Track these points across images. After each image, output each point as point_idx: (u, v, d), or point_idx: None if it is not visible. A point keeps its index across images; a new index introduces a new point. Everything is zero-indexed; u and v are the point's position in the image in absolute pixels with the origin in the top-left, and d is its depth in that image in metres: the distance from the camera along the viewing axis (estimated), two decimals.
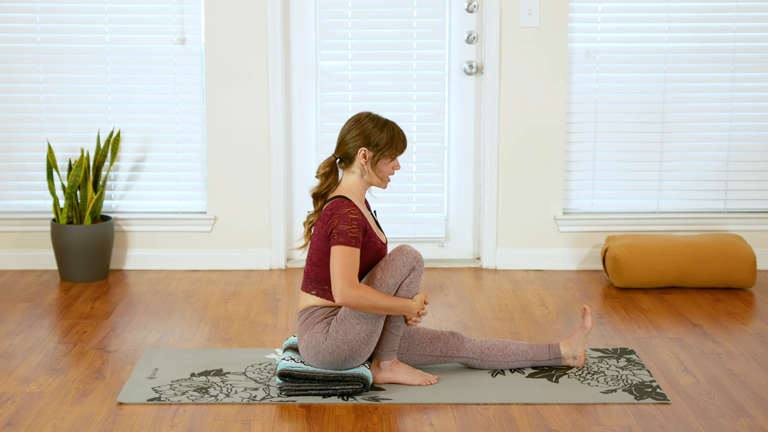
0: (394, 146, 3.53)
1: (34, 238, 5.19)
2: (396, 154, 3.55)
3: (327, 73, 5.15)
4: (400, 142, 3.55)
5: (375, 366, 3.58)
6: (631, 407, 3.39)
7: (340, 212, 3.44)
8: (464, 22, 5.13)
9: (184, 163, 5.21)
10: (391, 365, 3.57)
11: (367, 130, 3.51)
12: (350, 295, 3.38)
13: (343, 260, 3.40)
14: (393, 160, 3.56)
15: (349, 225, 3.42)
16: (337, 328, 3.46)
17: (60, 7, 5.09)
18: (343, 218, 3.43)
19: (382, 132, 3.51)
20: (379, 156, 3.51)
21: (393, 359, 3.57)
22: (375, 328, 3.47)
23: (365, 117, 3.55)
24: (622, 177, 5.22)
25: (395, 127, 3.55)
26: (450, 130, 5.21)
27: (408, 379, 3.57)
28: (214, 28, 5.05)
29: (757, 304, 4.64)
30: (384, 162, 3.54)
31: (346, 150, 3.53)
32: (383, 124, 3.53)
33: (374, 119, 3.54)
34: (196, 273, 5.14)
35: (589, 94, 5.16)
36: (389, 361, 3.57)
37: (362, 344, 3.47)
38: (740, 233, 5.19)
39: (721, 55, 5.14)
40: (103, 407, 3.39)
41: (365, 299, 3.39)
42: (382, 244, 3.57)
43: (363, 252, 3.49)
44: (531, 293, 4.79)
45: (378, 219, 3.82)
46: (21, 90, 5.14)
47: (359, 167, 3.54)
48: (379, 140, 3.51)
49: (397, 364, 3.58)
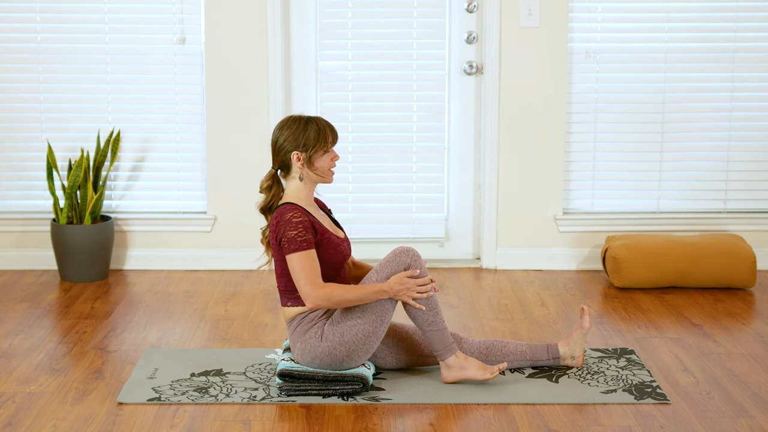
0: (323, 139, 3.53)
1: (34, 238, 5.19)
2: (328, 146, 3.55)
3: (327, 73, 5.15)
4: (329, 134, 3.55)
5: (443, 368, 3.55)
6: (631, 407, 3.39)
7: (284, 219, 3.46)
8: (464, 22, 5.13)
9: (184, 163, 5.21)
10: (461, 362, 3.54)
11: (293, 132, 3.52)
12: (318, 296, 3.41)
13: (301, 265, 3.42)
14: (328, 152, 3.56)
15: (296, 230, 3.43)
16: (333, 330, 3.46)
17: (60, 7, 5.09)
18: (287, 224, 3.44)
19: (307, 130, 3.52)
20: (312, 153, 3.52)
21: (456, 352, 3.53)
22: (373, 329, 3.47)
23: (288, 120, 3.56)
24: (622, 177, 5.22)
25: (320, 121, 3.56)
26: (450, 130, 5.21)
27: (479, 374, 3.53)
28: (214, 28, 5.06)
29: (757, 304, 4.64)
30: (318, 157, 3.54)
31: (282, 158, 3.55)
32: (306, 122, 3.54)
33: (297, 120, 3.55)
34: (196, 273, 5.14)
35: (589, 94, 5.16)
36: (455, 357, 3.54)
37: (360, 345, 3.47)
38: (740, 233, 5.19)
39: (721, 55, 5.14)
40: (103, 407, 3.39)
41: (334, 296, 3.41)
42: (339, 239, 3.57)
43: (320, 250, 3.50)
44: (531, 293, 4.79)
45: (335, 217, 3.80)
46: (21, 90, 5.14)
47: (297, 171, 3.55)
48: (307, 138, 3.51)
49: (468, 360, 3.55)
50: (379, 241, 5.27)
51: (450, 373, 3.54)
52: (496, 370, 3.52)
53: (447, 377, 3.55)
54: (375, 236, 5.24)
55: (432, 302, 3.50)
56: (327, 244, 3.52)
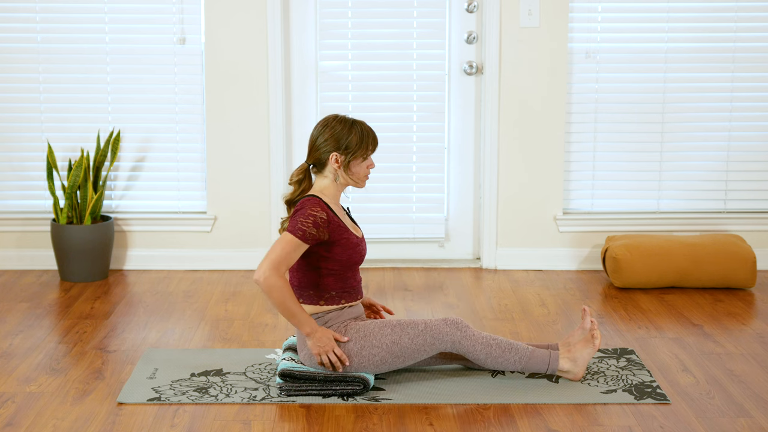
0: (365, 146, 3.51)
1: (34, 238, 5.19)
2: (368, 153, 3.54)
3: (327, 73, 5.15)
4: (371, 141, 3.53)
5: (569, 376, 3.58)
6: (631, 407, 3.39)
7: (304, 208, 3.43)
8: (464, 22, 5.13)
9: (184, 163, 5.21)
10: (572, 356, 3.56)
11: (336, 133, 3.49)
12: (268, 280, 3.35)
13: (282, 246, 3.38)
14: (366, 160, 3.55)
15: (305, 219, 3.41)
16: (356, 342, 3.47)
17: (60, 7, 5.09)
18: (303, 214, 3.42)
19: (351, 133, 3.50)
20: (351, 158, 3.50)
21: (559, 357, 3.55)
22: (393, 358, 3.49)
23: (333, 120, 3.53)
24: (622, 177, 5.22)
25: (364, 127, 3.54)
26: (450, 130, 5.21)
27: (590, 349, 3.57)
28: (214, 28, 5.06)
29: (757, 304, 4.64)
30: (356, 163, 3.52)
31: (318, 156, 3.52)
32: (351, 125, 3.51)
33: (342, 121, 3.52)
34: (196, 273, 5.14)
35: (589, 94, 5.16)
36: (563, 360, 3.55)
37: (371, 365, 3.49)
38: (740, 233, 5.19)
39: (721, 55, 5.14)
40: (103, 407, 3.39)
41: (277, 291, 3.36)
42: (358, 239, 3.56)
43: (338, 249, 3.48)
44: (531, 293, 4.79)
45: (352, 215, 3.79)
46: (21, 90, 5.14)
47: (332, 171, 3.53)
48: (349, 142, 3.49)
49: (571, 349, 3.57)
50: (379, 241, 5.27)
51: (576, 370, 3.57)
52: (588, 324, 3.58)
53: (579, 375, 3.57)
54: (375, 236, 5.24)
55: (494, 349, 3.53)
56: (346, 244, 3.50)
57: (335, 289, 3.52)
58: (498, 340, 3.56)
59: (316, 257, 3.49)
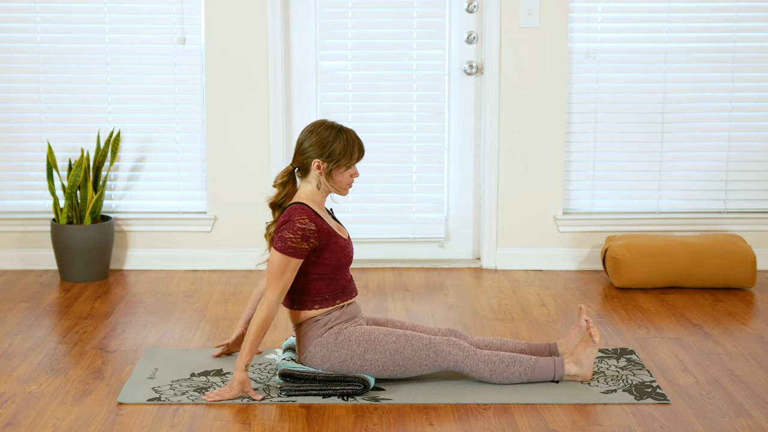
0: (348, 155, 3.47)
1: (34, 238, 5.19)
2: (351, 163, 3.49)
3: (327, 73, 5.15)
4: (356, 151, 3.49)
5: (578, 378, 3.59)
6: (631, 407, 3.39)
7: (291, 219, 3.41)
8: (464, 22, 5.13)
9: (184, 163, 5.21)
10: (575, 359, 3.57)
11: (321, 139, 3.45)
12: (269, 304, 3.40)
13: (277, 266, 3.39)
14: (350, 169, 3.50)
15: (293, 233, 3.38)
16: (360, 345, 3.47)
17: (60, 7, 5.09)
18: (290, 226, 3.39)
19: (336, 141, 3.45)
20: (333, 166, 3.46)
21: (564, 362, 3.56)
22: (394, 366, 3.49)
23: (320, 126, 3.49)
24: (622, 177, 5.22)
25: (351, 135, 3.49)
26: (450, 130, 5.21)
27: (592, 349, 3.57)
28: (214, 28, 5.06)
29: (757, 304, 4.64)
30: (339, 171, 3.48)
31: (302, 160, 3.49)
32: (337, 133, 3.47)
33: (329, 128, 3.48)
34: (196, 273, 5.14)
35: (589, 94, 5.16)
36: (569, 365, 3.57)
37: (372, 370, 3.50)
38: (740, 233, 5.19)
39: (721, 55, 5.14)
40: (103, 407, 3.39)
41: (272, 317, 3.42)
42: (345, 242, 3.54)
43: (328, 253, 3.47)
44: (531, 293, 4.79)
45: (336, 216, 3.78)
46: (21, 90, 5.14)
47: (315, 178, 3.49)
48: (333, 150, 3.45)
49: (574, 352, 3.58)
50: (379, 241, 5.27)
51: (584, 371, 3.57)
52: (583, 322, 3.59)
53: (588, 375, 3.58)
54: (375, 236, 5.25)
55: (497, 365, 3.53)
56: (334, 248, 3.49)
57: (327, 292, 3.51)
58: (500, 355, 3.55)
59: (306, 263, 3.47)
